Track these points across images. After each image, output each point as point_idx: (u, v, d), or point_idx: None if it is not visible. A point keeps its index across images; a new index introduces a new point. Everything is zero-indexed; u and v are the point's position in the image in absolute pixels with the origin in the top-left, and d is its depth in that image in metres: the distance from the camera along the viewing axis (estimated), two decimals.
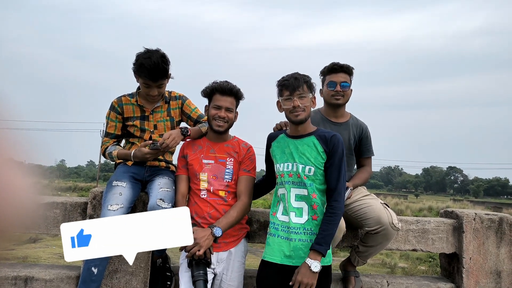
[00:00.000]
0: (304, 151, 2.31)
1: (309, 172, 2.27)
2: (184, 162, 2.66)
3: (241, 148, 2.66)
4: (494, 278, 2.96)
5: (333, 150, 2.27)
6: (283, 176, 2.35)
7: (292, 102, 2.26)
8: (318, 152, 2.29)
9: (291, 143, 2.38)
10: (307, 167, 2.27)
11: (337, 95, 2.85)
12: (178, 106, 2.90)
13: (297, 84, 2.26)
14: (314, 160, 2.27)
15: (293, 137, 2.39)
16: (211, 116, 2.59)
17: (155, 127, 2.81)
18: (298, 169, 2.29)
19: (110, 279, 2.63)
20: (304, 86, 2.29)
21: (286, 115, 2.35)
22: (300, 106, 2.26)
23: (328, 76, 2.90)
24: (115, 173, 2.73)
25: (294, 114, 2.29)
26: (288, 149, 2.38)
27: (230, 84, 2.60)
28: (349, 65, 2.91)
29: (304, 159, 2.30)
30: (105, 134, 2.86)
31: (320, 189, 2.28)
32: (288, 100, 2.29)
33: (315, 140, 2.33)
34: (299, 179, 2.29)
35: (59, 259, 8.38)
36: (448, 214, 3.22)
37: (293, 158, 2.33)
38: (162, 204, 2.41)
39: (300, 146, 2.34)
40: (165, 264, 2.80)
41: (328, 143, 2.28)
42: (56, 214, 2.78)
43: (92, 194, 2.73)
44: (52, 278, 2.67)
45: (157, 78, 2.59)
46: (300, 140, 2.36)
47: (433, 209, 29.40)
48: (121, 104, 2.78)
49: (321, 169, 2.28)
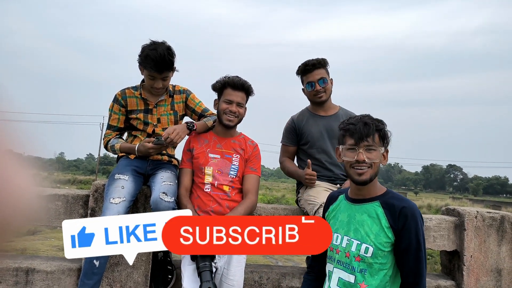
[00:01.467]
0: (363, 223, 1.75)
1: (366, 253, 1.69)
2: (190, 156, 2.65)
3: (247, 145, 2.67)
4: (495, 276, 2.97)
5: (404, 228, 1.67)
6: (332, 250, 1.84)
7: (356, 154, 1.74)
8: (382, 227, 1.71)
9: (348, 208, 1.85)
10: (364, 245, 1.70)
11: (318, 93, 2.91)
12: (182, 100, 2.89)
13: (367, 132, 1.73)
14: (374, 238, 1.70)
15: (352, 200, 1.86)
16: (222, 110, 2.59)
17: (158, 120, 2.80)
18: (350, 246, 1.74)
19: (111, 272, 2.63)
20: (375, 135, 1.76)
21: (346, 169, 1.83)
22: (366, 161, 1.73)
23: (305, 77, 2.96)
24: (117, 166, 2.72)
25: (357, 172, 1.75)
26: (343, 216, 1.85)
27: (242, 79, 2.61)
28: (321, 59, 2.94)
29: (360, 233, 1.74)
30: (108, 127, 2.85)
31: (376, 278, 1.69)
32: (351, 150, 1.77)
33: (378, 209, 1.75)
34: (347, 259, 1.75)
35: (58, 252, 8.38)
36: (450, 212, 3.22)
37: (345, 229, 1.80)
38: (165, 197, 2.40)
39: (358, 214, 1.79)
40: (166, 257, 2.80)
41: (396, 217, 1.69)
42: (58, 206, 2.77)
43: (94, 187, 2.73)
44: (54, 270, 2.67)
45: (162, 70, 2.58)
46: (360, 206, 1.81)
47: (432, 207, 29.45)
48: (125, 96, 2.77)
49: (384, 251, 1.69)
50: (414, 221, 1.67)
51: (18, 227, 0.49)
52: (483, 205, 35.82)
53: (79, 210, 2.79)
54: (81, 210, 2.79)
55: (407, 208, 1.69)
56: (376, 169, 1.76)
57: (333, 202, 1.96)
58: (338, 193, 2.00)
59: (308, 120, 2.93)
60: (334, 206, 1.93)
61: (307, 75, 2.91)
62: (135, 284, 2.64)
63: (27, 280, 2.62)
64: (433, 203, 32.93)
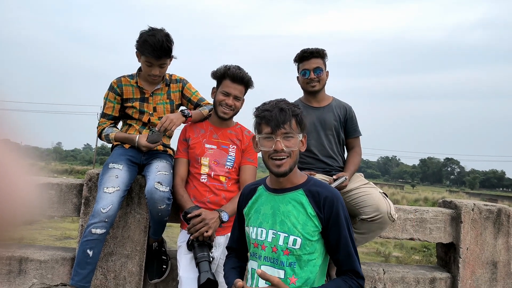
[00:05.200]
0: (288, 213, 1.65)
1: (294, 245, 1.60)
2: (185, 145, 2.63)
3: (244, 136, 2.64)
4: (490, 268, 2.97)
5: (332, 216, 1.62)
6: (256, 246, 1.70)
7: (273, 143, 1.63)
8: (308, 215, 1.63)
9: (270, 199, 1.73)
10: (291, 237, 1.61)
11: (312, 82, 2.88)
12: (178, 89, 2.86)
13: (283, 119, 1.62)
14: (301, 228, 1.62)
15: (274, 190, 1.74)
16: (218, 101, 2.56)
17: (154, 109, 2.77)
18: (277, 240, 1.63)
19: (105, 262, 2.61)
20: (292, 121, 1.65)
21: (264, 160, 1.71)
22: (284, 150, 1.63)
23: (301, 64, 2.93)
24: (111, 155, 2.69)
25: (276, 163, 1.64)
26: (266, 208, 1.72)
27: (243, 71, 2.55)
28: (320, 49, 2.91)
29: (287, 225, 1.63)
30: (102, 115, 2.82)
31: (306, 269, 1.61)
32: (268, 139, 1.65)
33: (303, 197, 1.67)
34: (275, 254, 1.63)
35: (55, 241, 8.38)
36: (447, 204, 3.21)
37: (270, 222, 1.68)
38: (160, 187, 2.38)
39: (282, 205, 1.68)
40: (161, 247, 2.78)
41: (321, 205, 1.63)
42: (52, 195, 2.74)
43: (88, 176, 2.70)
44: (47, 259, 2.65)
45: (160, 56, 2.54)
46: (283, 196, 1.70)
47: (428, 199, 29.56)
48: (121, 84, 2.73)
49: (312, 241, 1.61)
50: (341, 208, 1.63)
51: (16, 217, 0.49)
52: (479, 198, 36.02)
53: (73, 199, 2.76)
54: (75, 199, 2.76)
55: (331, 193, 1.64)
56: (295, 157, 1.66)
57: (251, 195, 1.82)
58: (255, 185, 1.86)
59: None
60: (254, 199, 1.80)
61: (304, 62, 2.89)
62: (129, 273, 2.62)
63: (20, 269, 2.61)
64: (430, 196, 33.05)
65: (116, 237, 2.64)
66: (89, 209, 2.62)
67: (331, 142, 2.87)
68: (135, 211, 2.67)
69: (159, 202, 2.36)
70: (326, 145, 2.86)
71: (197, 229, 2.24)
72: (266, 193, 1.76)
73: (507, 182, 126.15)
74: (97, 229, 2.28)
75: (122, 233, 2.65)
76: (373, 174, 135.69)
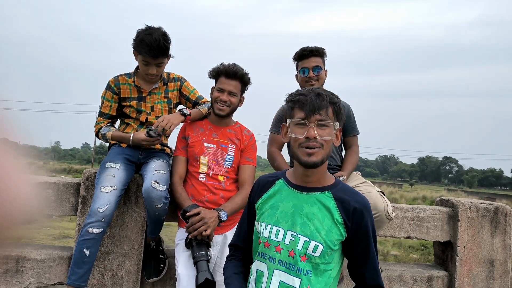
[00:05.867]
0: (313, 216, 1.48)
1: (314, 252, 1.43)
2: (184, 144, 2.62)
3: (243, 135, 2.64)
4: (487, 266, 2.97)
5: (360, 226, 1.47)
6: (268, 246, 1.51)
7: (306, 130, 1.46)
8: (335, 221, 1.46)
9: (293, 197, 1.54)
10: (313, 243, 1.44)
11: (311, 80, 2.87)
12: (176, 88, 2.85)
13: (320, 104, 1.45)
14: (325, 235, 1.45)
15: (298, 187, 1.56)
16: (214, 98, 2.57)
17: (152, 108, 2.76)
18: (296, 244, 1.45)
19: (102, 261, 2.61)
20: (329, 109, 1.48)
21: (293, 149, 1.52)
22: (317, 139, 1.45)
23: (300, 62, 2.93)
24: (108, 154, 2.69)
25: (306, 151, 1.46)
26: (286, 206, 1.53)
27: (237, 67, 2.56)
28: (320, 47, 2.91)
29: (309, 228, 1.46)
30: (99, 114, 2.81)
31: (321, 280, 1.45)
32: (300, 126, 1.48)
33: (330, 201, 1.50)
34: (292, 259, 1.45)
35: (53, 241, 8.37)
36: (444, 203, 3.22)
37: (290, 222, 1.50)
38: (157, 186, 2.38)
39: (307, 205, 1.50)
40: (158, 246, 2.78)
41: (350, 213, 1.47)
42: (49, 194, 2.74)
43: (85, 175, 2.69)
44: (44, 258, 2.65)
45: (157, 55, 2.53)
46: (309, 196, 1.52)
47: (427, 198, 29.61)
48: (118, 83, 2.72)
49: (333, 250, 1.46)
50: (371, 220, 1.49)
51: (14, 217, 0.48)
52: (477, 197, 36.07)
53: (70, 198, 2.76)
54: (72, 198, 2.75)
55: (363, 203, 1.49)
56: (328, 149, 1.48)
57: (268, 187, 1.62)
58: (273, 177, 1.65)
59: None
60: (271, 192, 1.60)
61: (303, 60, 2.88)
62: (126, 272, 2.62)
63: (17, 268, 2.60)
64: (428, 194, 33.10)
65: (114, 236, 2.64)
66: (86, 208, 2.62)
67: None
68: (133, 210, 2.67)
69: (156, 201, 2.35)
70: None
71: (196, 228, 2.24)
72: (288, 188, 1.57)
73: (505, 180, 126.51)
74: (94, 228, 2.28)
75: (120, 232, 2.65)
76: (371, 173, 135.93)
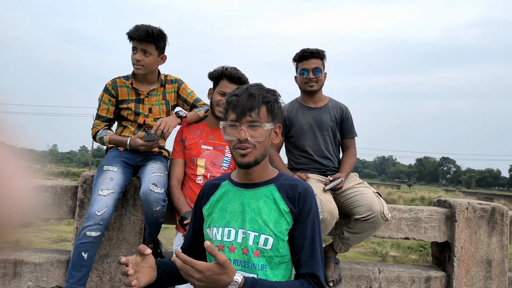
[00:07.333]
0: (260, 210, 1.48)
1: (265, 245, 1.44)
2: (182, 146, 2.62)
3: None
4: (485, 267, 2.98)
5: (303, 211, 1.47)
6: (221, 248, 1.49)
7: (238, 131, 1.46)
8: (281, 212, 1.47)
9: (239, 195, 1.54)
10: (262, 236, 1.44)
11: (310, 82, 2.88)
12: (174, 89, 2.85)
13: (251, 105, 1.45)
14: (274, 226, 1.45)
15: (242, 185, 1.56)
16: (215, 101, 2.56)
17: (149, 110, 2.76)
18: (247, 241, 1.45)
19: (100, 264, 2.61)
20: (262, 109, 1.47)
21: (230, 150, 1.53)
22: (248, 140, 1.45)
23: (300, 64, 2.93)
24: (106, 157, 2.69)
25: (240, 153, 1.47)
26: (234, 205, 1.53)
27: (240, 72, 2.57)
28: (320, 49, 2.92)
29: (257, 223, 1.46)
30: (96, 117, 2.81)
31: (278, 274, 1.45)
32: (233, 127, 1.48)
33: (275, 193, 1.51)
34: (246, 257, 1.45)
35: (51, 244, 8.35)
36: (441, 203, 3.23)
37: (240, 220, 1.49)
38: (155, 189, 2.38)
39: (253, 201, 1.51)
40: (156, 249, 2.78)
41: (296, 200, 1.48)
42: (46, 198, 2.74)
43: (83, 178, 2.69)
44: (42, 261, 2.64)
45: (144, 38, 2.57)
46: (254, 192, 1.53)
47: (425, 199, 29.68)
48: (116, 86, 2.73)
49: (284, 241, 1.46)
50: (314, 204, 1.50)
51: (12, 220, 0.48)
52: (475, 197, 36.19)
53: (68, 201, 2.75)
54: (70, 202, 2.75)
55: (305, 189, 1.50)
56: (262, 149, 1.48)
57: (213, 191, 1.61)
58: (217, 181, 1.65)
59: (298, 112, 2.92)
60: (218, 196, 1.58)
61: (303, 61, 2.89)
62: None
63: (15, 272, 2.59)
64: (426, 195, 33.17)
65: (112, 239, 2.64)
66: (84, 212, 2.61)
67: (327, 143, 2.88)
68: (130, 213, 2.67)
69: (154, 203, 2.36)
70: (322, 146, 2.86)
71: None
72: (233, 188, 1.57)
73: (502, 181, 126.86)
74: (91, 231, 2.27)
75: (118, 235, 2.64)
76: (369, 174, 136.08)
